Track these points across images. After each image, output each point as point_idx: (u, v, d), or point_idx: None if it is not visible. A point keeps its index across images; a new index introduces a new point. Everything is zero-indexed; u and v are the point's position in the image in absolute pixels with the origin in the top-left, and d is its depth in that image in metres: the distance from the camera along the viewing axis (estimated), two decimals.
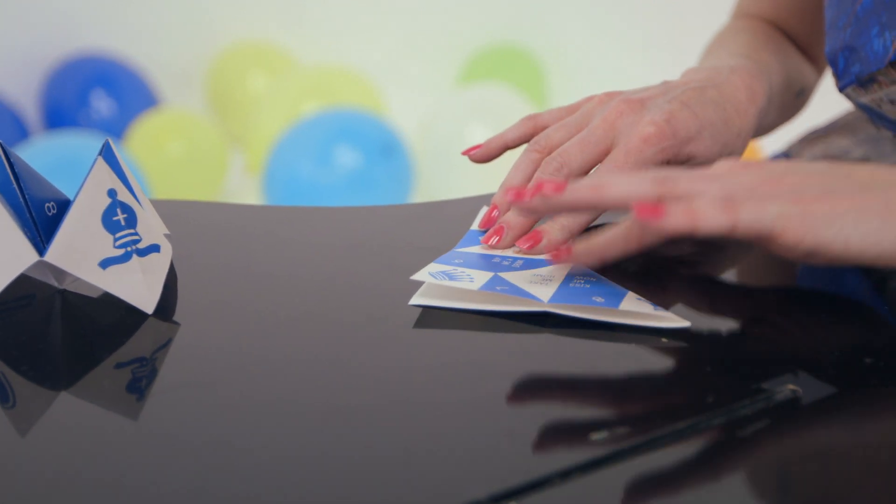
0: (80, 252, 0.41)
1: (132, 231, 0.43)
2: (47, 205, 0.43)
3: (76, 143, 1.85)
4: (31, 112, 2.32)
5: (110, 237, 0.42)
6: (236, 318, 0.43)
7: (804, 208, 0.38)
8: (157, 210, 0.48)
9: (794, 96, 0.68)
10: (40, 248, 0.41)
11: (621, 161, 0.48)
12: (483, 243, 0.49)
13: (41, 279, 0.45)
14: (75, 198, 0.42)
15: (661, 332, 0.40)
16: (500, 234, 0.48)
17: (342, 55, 2.51)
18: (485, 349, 0.40)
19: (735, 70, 0.55)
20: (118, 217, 0.42)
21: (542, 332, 0.40)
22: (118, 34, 2.39)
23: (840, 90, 0.57)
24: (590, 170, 0.50)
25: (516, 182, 0.51)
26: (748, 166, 0.42)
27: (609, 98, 0.53)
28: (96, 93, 2.22)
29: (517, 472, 0.31)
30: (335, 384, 0.37)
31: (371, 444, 0.33)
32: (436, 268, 0.45)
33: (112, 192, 0.42)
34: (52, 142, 1.86)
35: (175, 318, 0.43)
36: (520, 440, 0.33)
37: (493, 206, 0.51)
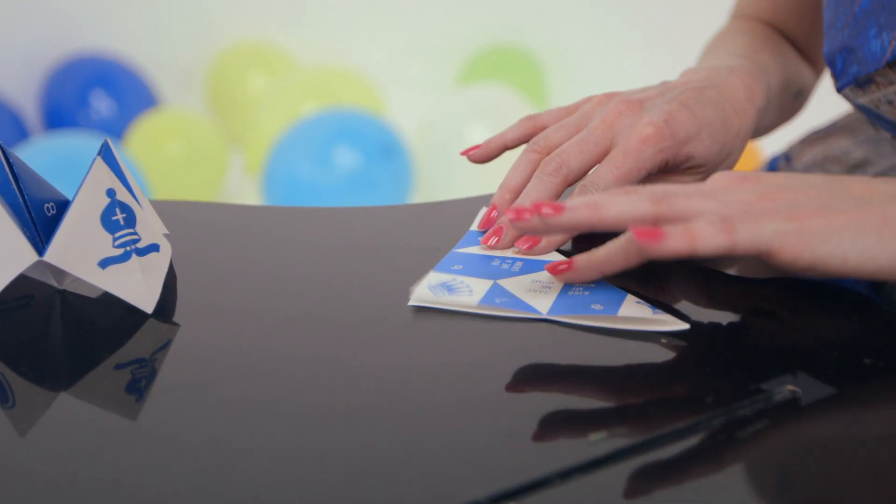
0: (80, 252, 0.41)
1: (131, 231, 0.43)
2: (46, 205, 0.44)
3: (76, 143, 1.85)
4: (31, 112, 2.32)
5: (109, 237, 0.42)
6: (236, 318, 0.43)
7: (801, 224, 0.38)
8: (156, 210, 0.48)
9: (792, 97, 0.68)
10: (40, 248, 0.41)
11: (620, 161, 0.48)
12: (482, 244, 0.49)
13: (40, 279, 0.45)
14: (74, 198, 0.42)
15: (661, 333, 0.40)
16: (499, 235, 0.48)
17: (342, 55, 2.51)
18: (484, 349, 0.40)
19: (733, 70, 0.55)
20: (117, 217, 0.42)
21: (541, 332, 0.40)
22: (118, 34, 2.39)
23: (838, 91, 0.57)
24: (588, 170, 0.50)
25: (515, 182, 0.51)
26: (745, 180, 0.42)
27: (608, 99, 0.53)
28: (96, 93, 2.22)
29: (516, 472, 0.31)
30: (335, 384, 0.37)
31: (370, 445, 0.33)
32: (435, 279, 0.45)
33: (111, 192, 0.42)
34: (51, 142, 1.86)
35: (174, 318, 0.43)
36: (519, 440, 0.33)
37: (492, 207, 0.51)
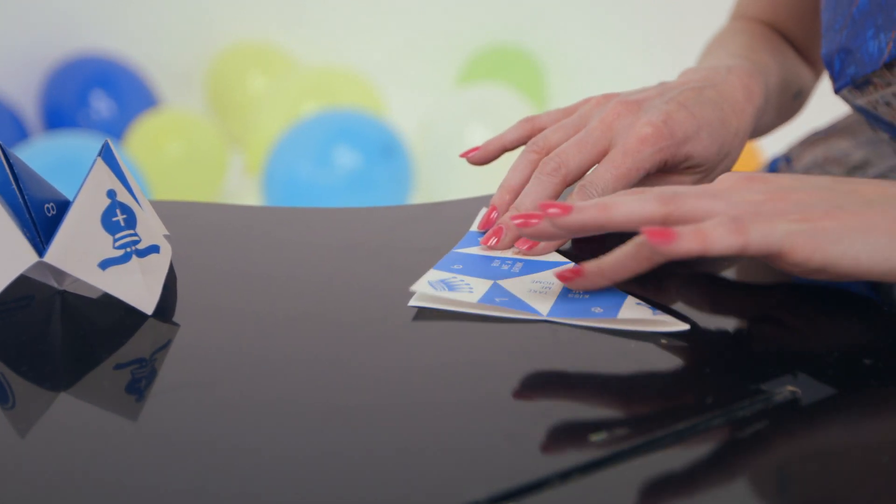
0: (80, 253, 0.41)
1: (132, 232, 0.43)
2: (47, 205, 0.44)
3: (76, 143, 1.85)
4: (31, 112, 2.32)
5: (110, 238, 0.42)
6: (236, 318, 0.43)
7: (812, 225, 0.38)
8: (156, 211, 0.48)
9: (791, 98, 0.68)
10: (40, 249, 0.41)
11: (619, 161, 0.48)
12: (482, 244, 0.49)
13: (41, 280, 0.45)
14: (75, 199, 0.42)
15: (661, 333, 0.40)
16: (498, 236, 0.48)
17: (342, 55, 2.51)
18: (484, 349, 0.40)
19: (732, 70, 0.55)
20: (118, 218, 0.42)
21: (541, 333, 0.40)
22: (118, 34, 2.39)
23: (836, 92, 0.57)
24: (587, 170, 0.50)
25: (515, 183, 0.51)
26: (752, 180, 0.41)
27: (606, 100, 0.53)
28: (96, 93, 2.22)
29: (516, 472, 0.31)
30: (335, 384, 0.37)
31: (370, 445, 0.33)
32: (435, 276, 0.45)
33: (111, 193, 0.42)
34: (51, 142, 1.86)
35: (174, 318, 0.43)
36: (519, 441, 0.33)
37: (492, 208, 0.51)
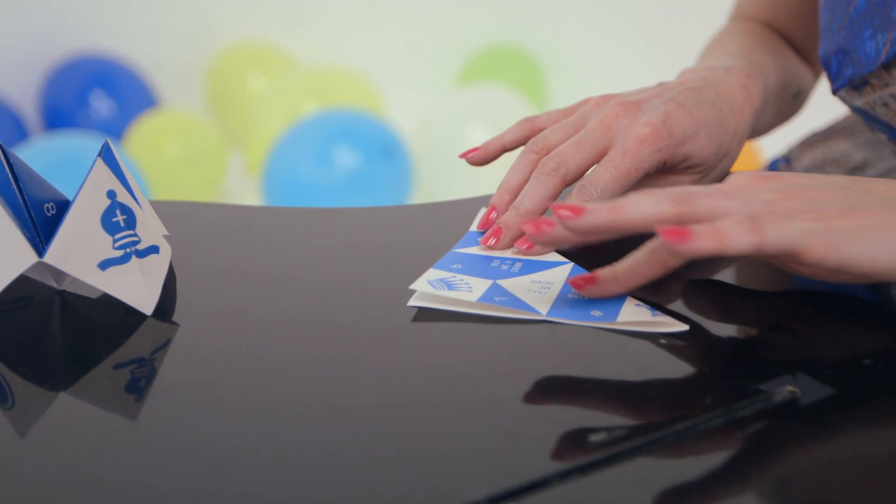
0: (79, 253, 0.41)
1: (131, 232, 0.43)
2: (46, 205, 0.44)
3: (75, 143, 1.85)
4: (31, 112, 2.32)
5: (109, 238, 0.42)
6: (235, 318, 0.43)
7: (828, 224, 0.37)
8: (156, 211, 0.48)
9: (790, 98, 0.68)
10: (39, 249, 0.41)
11: (618, 161, 0.48)
12: (481, 244, 0.49)
13: (40, 280, 0.45)
14: (74, 199, 0.42)
15: (660, 334, 0.40)
16: (498, 235, 0.48)
17: (342, 56, 2.51)
18: (484, 349, 0.40)
19: (731, 70, 0.55)
20: (117, 218, 0.42)
21: (541, 333, 0.40)
22: (117, 34, 2.39)
23: (834, 93, 0.57)
24: (586, 170, 0.50)
25: (514, 183, 0.51)
26: (765, 178, 0.41)
27: (605, 101, 0.54)
28: (96, 93, 2.22)
29: (515, 472, 0.31)
30: (334, 384, 0.37)
31: (370, 445, 0.33)
32: (434, 275, 0.45)
33: (111, 194, 0.42)
34: (51, 142, 1.86)
35: (174, 318, 0.43)
36: (518, 441, 0.33)
37: (492, 208, 0.51)
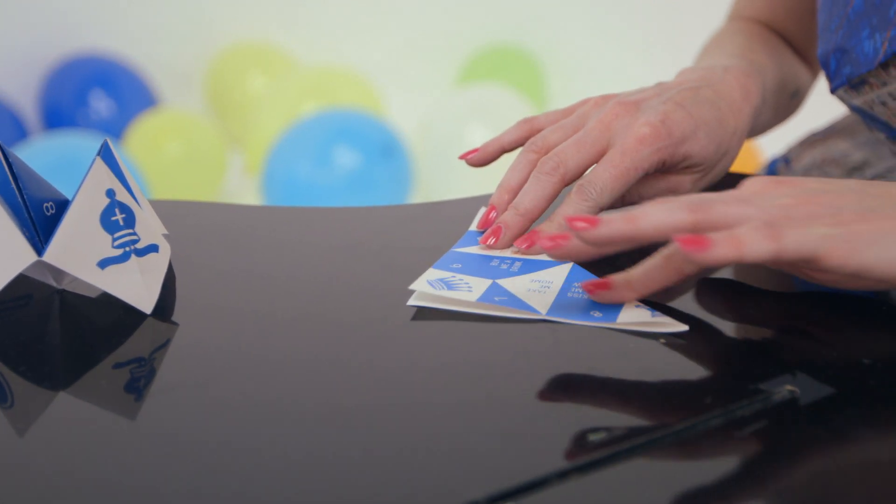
0: (79, 252, 0.41)
1: (130, 231, 0.43)
2: (46, 205, 0.44)
3: (75, 143, 1.85)
4: (30, 112, 2.32)
5: (109, 237, 0.42)
6: (235, 318, 0.43)
7: (846, 229, 0.37)
8: (155, 210, 0.48)
9: (788, 97, 0.68)
10: (39, 248, 0.41)
11: (617, 160, 0.48)
12: (481, 244, 0.49)
13: (39, 279, 0.45)
14: (74, 198, 0.42)
15: (660, 333, 0.40)
16: (497, 235, 0.48)
17: (342, 55, 2.51)
18: (483, 349, 0.40)
19: (729, 70, 0.56)
20: (116, 217, 0.42)
21: (540, 332, 0.40)
22: (117, 34, 2.39)
23: (832, 92, 0.57)
24: (586, 169, 0.50)
25: (514, 182, 0.51)
26: (780, 184, 0.41)
27: (604, 101, 0.54)
28: (95, 93, 2.22)
29: (515, 472, 0.31)
30: (333, 384, 0.37)
31: (369, 445, 0.33)
32: (434, 275, 0.45)
33: (110, 192, 0.42)
34: (50, 142, 1.86)
35: (173, 318, 0.43)
36: (517, 440, 0.33)
37: (491, 207, 0.51)
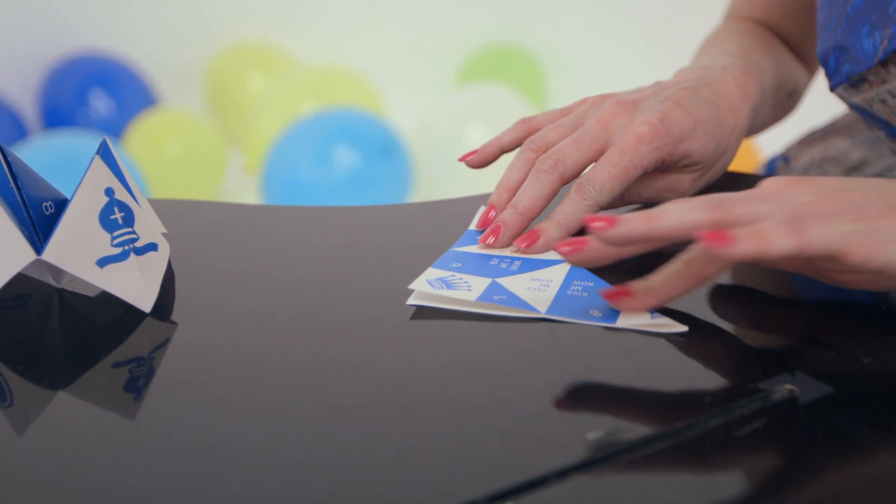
0: (78, 251, 0.41)
1: (130, 230, 0.43)
2: (45, 204, 0.43)
3: (75, 142, 1.85)
4: (30, 111, 2.32)
5: (108, 236, 0.42)
6: (234, 317, 0.43)
7: (869, 225, 0.36)
8: (154, 209, 0.48)
9: (785, 96, 0.68)
10: (38, 247, 0.41)
11: (616, 159, 0.48)
12: (480, 243, 0.49)
13: (38, 278, 0.45)
14: (72, 197, 0.41)
15: (659, 333, 0.40)
16: (496, 234, 0.48)
17: (341, 55, 2.51)
18: (483, 349, 0.40)
19: (727, 69, 0.56)
20: (115, 216, 0.42)
21: (541, 333, 0.40)
22: (117, 34, 2.39)
23: (831, 90, 0.57)
24: (584, 168, 0.50)
25: (513, 181, 0.51)
26: (800, 182, 0.40)
27: (602, 100, 0.54)
28: (95, 92, 2.22)
29: (514, 471, 0.31)
30: (333, 384, 0.37)
31: (369, 444, 0.33)
32: (433, 274, 0.45)
33: (109, 191, 0.42)
34: (50, 141, 1.86)
35: (173, 317, 0.43)
36: (517, 439, 0.33)
37: (490, 206, 0.51)
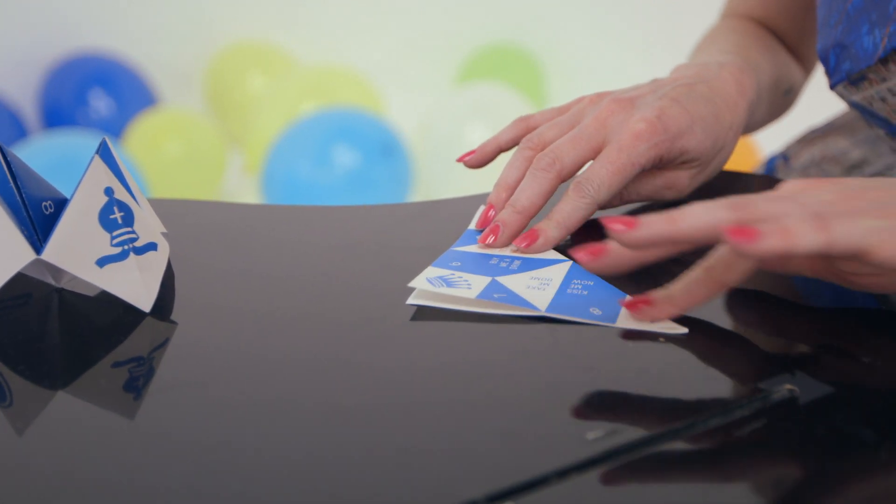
0: (77, 250, 0.41)
1: (129, 229, 0.43)
2: (44, 203, 0.43)
3: (75, 142, 1.85)
4: (30, 111, 2.32)
5: (107, 235, 0.42)
6: (234, 317, 0.43)
7: (894, 223, 0.36)
8: (154, 209, 0.48)
9: (782, 94, 0.68)
10: (37, 247, 0.41)
11: (614, 157, 0.48)
12: (480, 243, 0.49)
13: (38, 278, 0.45)
14: (72, 196, 0.41)
15: (659, 333, 0.40)
16: (496, 233, 0.48)
17: (341, 55, 2.51)
18: (483, 349, 0.40)
19: (723, 66, 0.56)
20: (115, 215, 0.42)
21: (541, 333, 0.40)
22: (117, 33, 2.39)
23: (831, 88, 0.57)
24: (582, 165, 0.50)
25: (511, 180, 0.51)
26: (821, 181, 0.40)
27: (599, 98, 0.54)
28: (95, 92, 2.22)
29: (514, 471, 0.31)
30: (333, 384, 0.37)
31: (368, 444, 0.33)
32: (433, 272, 0.45)
33: (109, 191, 0.42)
34: (50, 141, 1.86)
35: (172, 316, 0.43)
36: (517, 439, 0.33)
37: (489, 206, 0.51)
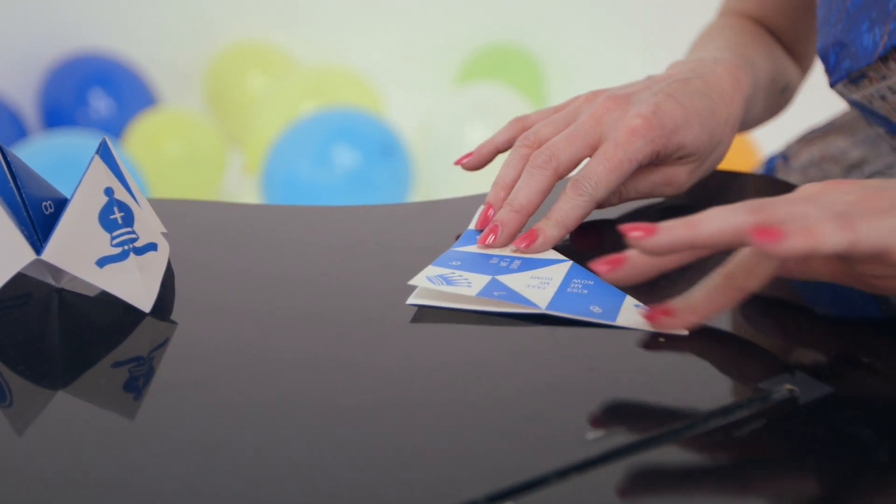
0: (77, 250, 0.41)
1: (129, 229, 0.43)
2: (44, 203, 0.43)
3: (74, 142, 1.85)
4: (30, 111, 2.32)
5: (107, 235, 0.42)
6: (234, 317, 0.43)
7: None
8: (154, 209, 0.48)
9: (778, 92, 0.68)
10: (37, 247, 0.41)
11: (611, 153, 0.49)
12: (480, 243, 0.49)
13: (38, 278, 0.45)
14: (72, 196, 0.41)
15: (660, 333, 0.40)
16: (495, 233, 0.48)
17: (341, 55, 2.51)
18: (483, 349, 0.40)
19: (719, 61, 0.56)
20: (115, 215, 0.42)
21: (541, 333, 0.40)
22: (117, 33, 2.39)
23: (831, 86, 0.57)
24: (578, 163, 0.50)
25: (509, 179, 0.51)
26: (841, 183, 0.40)
27: (595, 96, 0.54)
28: (95, 92, 2.22)
29: (514, 471, 0.31)
30: (333, 384, 0.37)
31: (368, 444, 0.33)
32: (433, 271, 0.45)
33: (109, 191, 0.42)
34: (50, 141, 1.86)
35: (172, 317, 0.43)
36: (517, 439, 0.33)
37: (488, 205, 0.51)
